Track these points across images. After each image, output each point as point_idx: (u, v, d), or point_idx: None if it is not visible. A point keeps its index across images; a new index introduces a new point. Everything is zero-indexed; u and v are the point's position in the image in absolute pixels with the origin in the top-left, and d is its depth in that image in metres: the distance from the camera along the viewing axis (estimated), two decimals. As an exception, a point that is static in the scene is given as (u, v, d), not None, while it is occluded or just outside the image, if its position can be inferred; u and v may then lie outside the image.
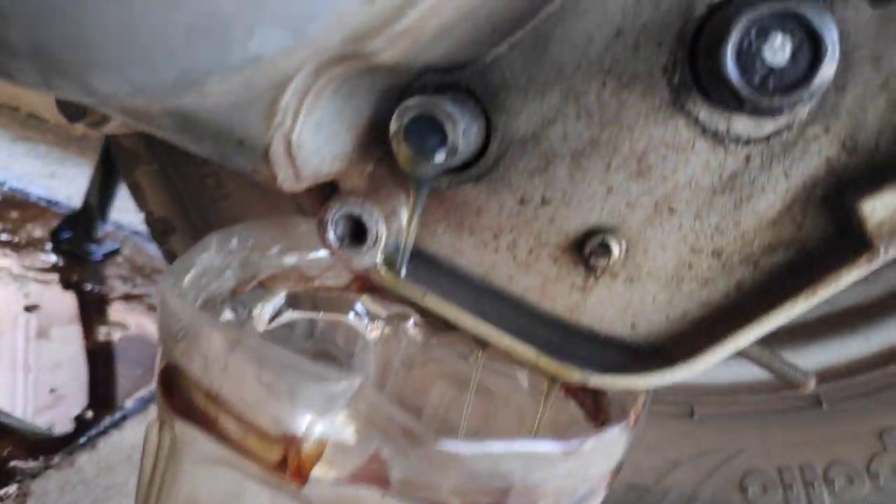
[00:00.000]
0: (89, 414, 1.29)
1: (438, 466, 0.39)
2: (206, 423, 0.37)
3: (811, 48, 0.35)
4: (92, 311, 1.64)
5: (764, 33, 0.35)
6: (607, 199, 0.47)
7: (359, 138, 0.46)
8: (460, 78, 0.47)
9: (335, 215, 0.48)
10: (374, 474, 0.39)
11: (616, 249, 0.47)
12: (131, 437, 1.24)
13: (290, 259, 0.56)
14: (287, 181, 0.40)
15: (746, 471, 0.85)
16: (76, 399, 1.35)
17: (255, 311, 0.57)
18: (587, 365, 0.47)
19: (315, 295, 0.61)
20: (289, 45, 0.33)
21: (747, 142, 0.44)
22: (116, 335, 1.56)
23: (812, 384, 0.72)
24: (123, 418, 1.30)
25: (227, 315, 0.55)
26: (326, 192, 0.51)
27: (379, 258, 0.49)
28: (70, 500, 1.06)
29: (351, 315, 0.63)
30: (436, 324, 0.50)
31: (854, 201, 0.40)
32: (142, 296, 1.72)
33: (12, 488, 1.06)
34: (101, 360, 1.48)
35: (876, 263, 0.40)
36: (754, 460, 0.85)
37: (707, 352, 0.44)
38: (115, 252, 1.84)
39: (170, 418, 0.40)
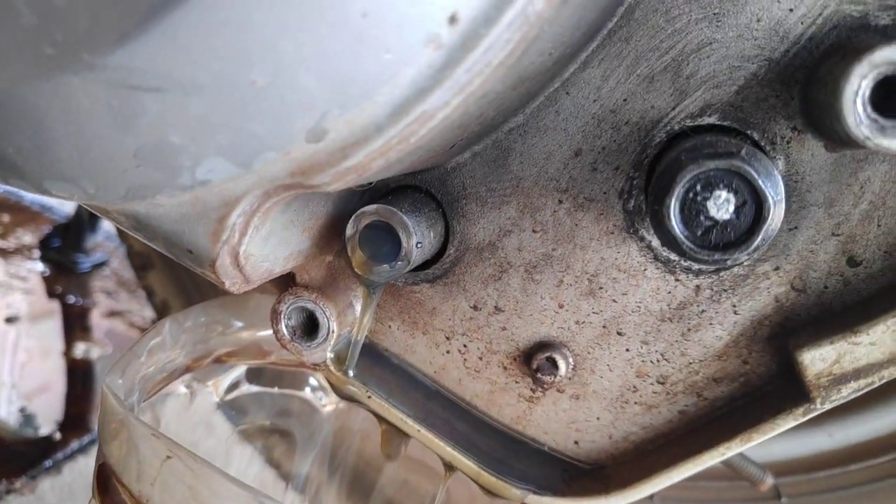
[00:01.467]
0: (57, 436, 1.29)
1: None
2: (134, 530, 0.37)
3: (755, 207, 0.35)
4: (73, 325, 1.64)
5: (709, 187, 0.35)
6: (558, 315, 0.47)
7: (316, 237, 0.46)
8: (422, 181, 0.47)
9: (289, 307, 0.49)
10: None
11: (563, 366, 0.47)
12: (96, 464, 1.23)
13: (247, 335, 0.57)
14: (235, 286, 0.41)
15: (702, 558, 0.85)
16: (47, 419, 1.35)
17: (210, 385, 0.57)
18: (526, 483, 0.47)
19: (274, 369, 0.61)
20: (235, 173, 0.33)
21: (698, 273, 0.44)
22: (95, 353, 1.55)
23: (769, 482, 0.71)
24: (91, 443, 1.29)
25: (181, 389, 0.55)
26: (286, 277, 0.51)
27: (329, 355, 0.49)
28: (26, 528, 1.05)
29: (307, 390, 0.63)
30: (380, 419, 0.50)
31: (796, 348, 0.40)
32: (124, 312, 1.72)
33: (-31, 513, 1.05)
34: (77, 379, 1.48)
35: (813, 415, 0.40)
36: (710, 548, 0.85)
37: (642, 483, 0.44)
38: (102, 264, 1.84)
39: (99, 514, 0.40)
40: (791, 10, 0.39)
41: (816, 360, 0.40)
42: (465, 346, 0.50)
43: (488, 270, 0.48)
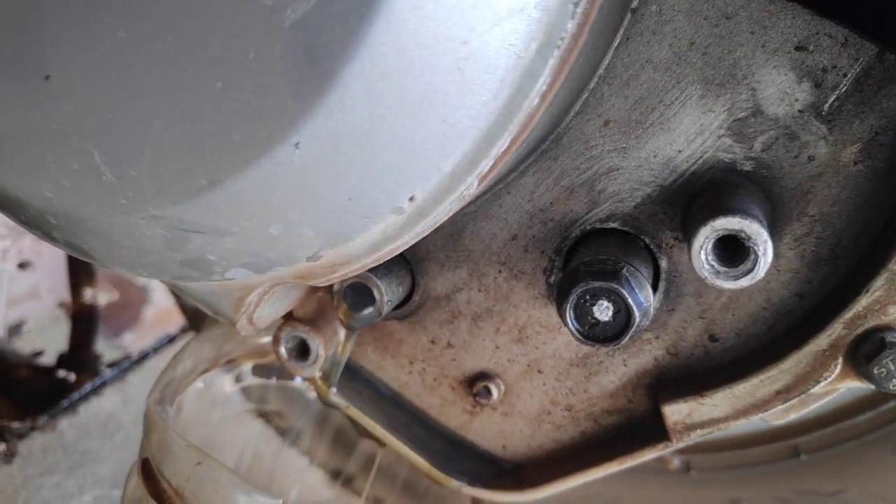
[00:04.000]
0: (72, 377, 1.44)
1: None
2: (171, 509, 0.52)
3: (627, 314, 0.48)
4: (79, 271, 1.76)
5: (595, 297, 0.48)
6: (494, 354, 0.61)
7: (310, 286, 0.59)
8: (395, 245, 0.60)
9: (286, 335, 0.62)
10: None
11: (496, 393, 0.61)
12: (108, 404, 1.39)
13: (252, 342, 0.70)
14: (248, 333, 0.54)
15: (623, 516, 1.02)
16: (56, 360, 1.49)
17: (222, 379, 0.71)
18: (463, 477, 0.62)
19: (273, 365, 0.75)
20: (253, 277, 0.46)
21: (601, 333, 0.57)
22: (102, 299, 1.68)
23: (675, 463, 0.88)
24: (103, 384, 1.44)
25: (199, 384, 0.69)
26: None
27: (317, 373, 0.63)
28: (51, 461, 1.22)
29: (298, 379, 0.78)
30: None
31: (661, 401, 0.55)
32: (127, 259, 1.84)
33: (1, 447, 1.21)
34: (82, 323, 1.61)
35: (670, 450, 0.55)
36: (630, 508, 1.02)
37: (546, 486, 0.59)
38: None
39: (146, 495, 0.54)
40: (680, 151, 0.51)
41: (674, 412, 0.54)
42: (423, 369, 0.64)
43: (444, 315, 0.61)
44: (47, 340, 1.55)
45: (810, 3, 0.46)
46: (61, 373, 1.44)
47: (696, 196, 0.51)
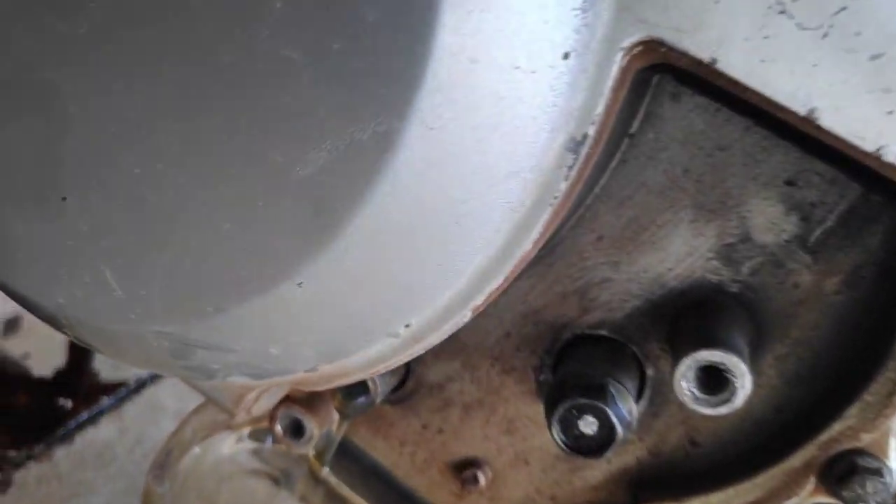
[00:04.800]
0: (69, 405, 1.45)
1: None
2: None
3: (610, 430, 0.50)
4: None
5: (581, 412, 0.50)
6: (483, 442, 0.63)
7: (307, 372, 0.61)
8: (391, 333, 0.62)
9: (282, 414, 0.64)
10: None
11: (483, 480, 0.63)
12: (104, 433, 1.41)
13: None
14: (244, 422, 0.56)
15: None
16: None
17: (220, 443, 0.73)
18: (447, 558, 0.64)
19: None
20: (253, 382, 0.48)
21: (586, 431, 0.59)
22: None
23: None
24: (99, 413, 1.46)
25: (196, 450, 0.71)
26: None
27: (311, 452, 0.65)
28: (46, 492, 1.23)
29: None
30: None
31: (641, 500, 0.57)
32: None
33: (-3, 476, 1.22)
34: (78, 353, 1.63)
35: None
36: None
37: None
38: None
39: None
40: (669, 269, 0.53)
41: (657, 516, 0.56)
42: (414, 451, 0.66)
43: (436, 403, 0.63)
44: (44, 348, 1.55)
45: (802, 142, 0.48)
46: (59, 400, 1.45)
47: (683, 312, 0.53)
